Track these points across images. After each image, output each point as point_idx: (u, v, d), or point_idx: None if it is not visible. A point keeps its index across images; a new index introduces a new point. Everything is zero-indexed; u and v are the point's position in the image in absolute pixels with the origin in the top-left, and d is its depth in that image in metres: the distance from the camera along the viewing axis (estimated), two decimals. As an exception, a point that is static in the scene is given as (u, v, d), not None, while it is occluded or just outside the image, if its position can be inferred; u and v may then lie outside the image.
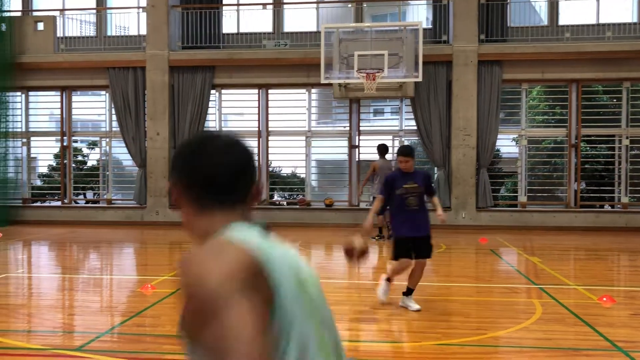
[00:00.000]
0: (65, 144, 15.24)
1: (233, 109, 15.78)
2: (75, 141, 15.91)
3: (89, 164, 16.38)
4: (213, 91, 14.57)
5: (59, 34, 15.02)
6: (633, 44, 13.21)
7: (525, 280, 7.71)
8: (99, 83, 14.81)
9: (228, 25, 15.01)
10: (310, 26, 14.70)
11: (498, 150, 14.83)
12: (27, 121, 15.45)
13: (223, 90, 14.79)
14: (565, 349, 4.72)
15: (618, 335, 5.08)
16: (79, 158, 16.23)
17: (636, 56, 13.24)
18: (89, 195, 16.35)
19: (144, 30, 14.64)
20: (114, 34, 15.75)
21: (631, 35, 13.52)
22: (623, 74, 13.52)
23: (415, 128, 13.93)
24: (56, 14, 15.17)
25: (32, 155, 15.92)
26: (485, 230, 13.08)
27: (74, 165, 15.63)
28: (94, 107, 16.26)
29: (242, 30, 14.96)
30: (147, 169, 14.37)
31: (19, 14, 15.48)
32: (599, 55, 13.30)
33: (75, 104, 15.45)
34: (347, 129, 14.43)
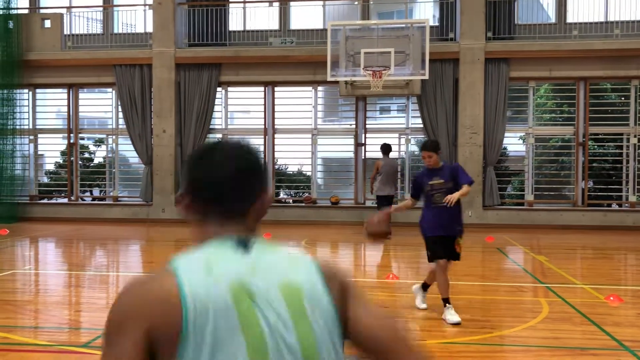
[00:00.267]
0: (72, 141, 15.29)
1: (239, 107, 15.79)
2: (82, 138, 15.96)
3: (96, 161, 16.43)
4: (219, 88, 14.58)
5: (66, 31, 15.07)
6: (642, 41, 13.11)
7: (532, 279, 7.68)
8: (105, 80, 14.85)
9: (234, 23, 15.01)
10: (317, 23, 14.68)
11: (505, 149, 14.78)
12: (34, 118, 15.51)
13: (229, 88, 14.79)
14: (572, 348, 4.70)
15: (625, 335, 5.04)
16: (86, 155, 16.29)
17: (645, 54, 13.15)
18: (96, 192, 16.40)
19: (150, 28, 14.66)
20: (120, 31, 15.79)
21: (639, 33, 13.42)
22: (632, 71, 13.42)
23: (421, 126, 13.89)
24: (63, 11, 15.22)
25: (39, 153, 15.99)
26: (491, 228, 13.04)
27: (80, 162, 15.68)
28: (101, 105, 16.32)
29: (249, 27, 14.96)
30: (154, 167, 14.40)
31: (26, 11, 15.54)
32: (607, 53, 13.21)
33: (82, 101, 15.50)
34: (353, 126, 14.41)
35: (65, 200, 15.46)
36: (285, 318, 1.17)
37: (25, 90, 15.24)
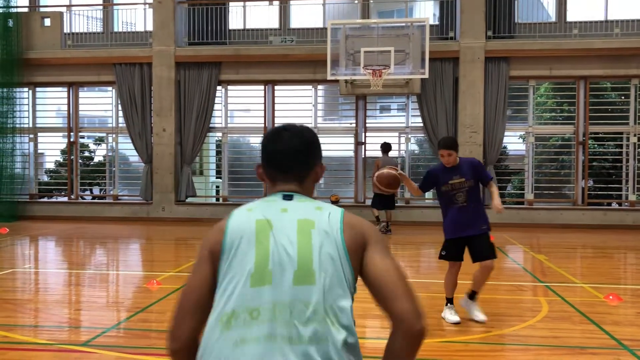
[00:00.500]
0: (72, 139, 15.29)
1: (239, 105, 15.79)
2: (82, 137, 15.96)
3: (96, 159, 16.44)
4: (219, 87, 14.58)
5: (66, 30, 15.07)
6: (642, 40, 13.11)
7: (532, 278, 7.68)
8: (105, 79, 14.85)
9: (234, 21, 15.01)
10: (317, 22, 14.67)
11: (505, 148, 14.78)
12: (34, 117, 15.52)
13: (229, 86, 14.79)
14: (571, 347, 4.70)
15: (624, 334, 5.05)
16: (86, 154, 16.29)
17: (645, 53, 13.15)
18: (96, 191, 16.41)
19: (150, 26, 14.67)
20: (120, 30, 15.79)
21: (640, 32, 13.41)
22: (631, 70, 13.42)
23: (421, 125, 13.90)
24: (63, 10, 15.22)
25: (39, 151, 15.99)
26: (491, 227, 13.03)
27: (80, 161, 15.69)
28: (101, 103, 16.32)
29: (249, 26, 14.95)
30: (153, 165, 14.40)
31: (26, 9, 15.54)
32: (607, 52, 13.21)
33: (82, 100, 15.50)
34: (354, 125, 14.41)
35: (65, 199, 15.47)
36: (292, 238, 1.62)
37: (25, 89, 15.24)
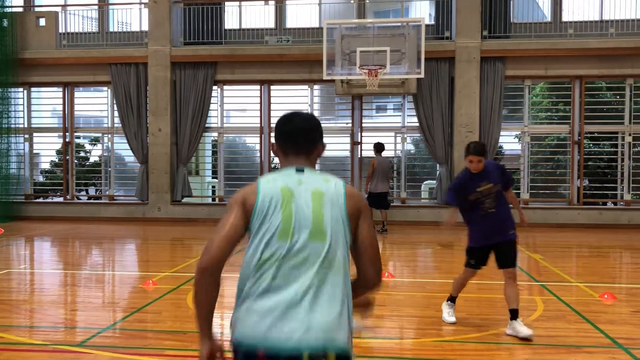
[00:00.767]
0: (67, 140, 15.25)
1: (235, 105, 15.77)
2: (78, 137, 15.93)
3: (91, 160, 16.40)
4: (215, 87, 14.56)
5: (61, 29, 15.03)
6: (637, 40, 13.15)
7: (527, 278, 7.70)
8: (101, 79, 14.81)
9: (230, 21, 14.99)
10: (313, 22, 14.67)
11: (501, 147, 14.81)
12: (30, 117, 15.47)
13: (225, 86, 14.77)
14: (566, 346, 4.72)
15: (619, 332, 5.07)
16: (81, 154, 16.26)
17: (639, 53, 13.20)
18: (91, 191, 16.38)
19: (146, 26, 14.64)
20: (116, 29, 15.75)
21: (635, 32, 13.45)
22: (626, 70, 13.46)
23: (417, 125, 13.91)
24: (58, 9, 15.17)
25: (35, 151, 15.94)
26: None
27: (76, 161, 15.65)
28: (96, 103, 16.28)
29: (244, 26, 14.94)
30: (149, 165, 14.38)
31: (20, 9, 15.49)
32: (602, 52, 13.25)
33: (77, 100, 15.45)
34: (350, 125, 14.41)
35: (60, 199, 15.42)
36: (308, 203, 2.09)
37: (20, 89, 15.19)
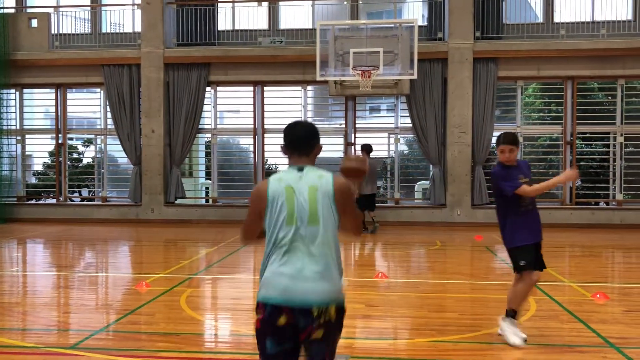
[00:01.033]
0: (60, 141, 15.19)
1: (228, 106, 15.76)
2: (71, 139, 15.87)
3: (84, 161, 16.35)
4: (208, 88, 14.55)
5: (54, 30, 14.98)
6: (628, 41, 13.24)
7: (520, 277, 7.72)
8: (93, 80, 14.77)
9: (223, 22, 14.98)
10: (306, 23, 14.68)
11: (493, 148, 14.84)
12: (22, 118, 15.40)
13: (218, 87, 14.76)
14: (558, 346, 4.74)
15: (611, 332, 5.10)
16: (74, 155, 16.20)
17: (631, 54, 13.29)
18: (84, 193, 16.32)
19: (139, 27, 14.61)
20: (108, 31, 15.70)
21: (626, 33, 13.55)
22: (618, 71, 13.55)
23: (410, 125, 13.95)
24: (50, 10, 15.11)
25: (27, 153, 15.88)
26: (480, 227, 13.11)
27: (69, 162, 15.59)
28: (89, 105, 16.23)
29: (238, 27, 14.93)
30: (142, 167, 14.34)
31: (12, 10, 15.42)
32: (594, 53, 13.33)
33: (70, 101, 15.40)
34: (343, 126, 14.43)
35: (53, 201, 15.36)
36: (305, 197, 2.66)
37: (12, 90, 15.13)
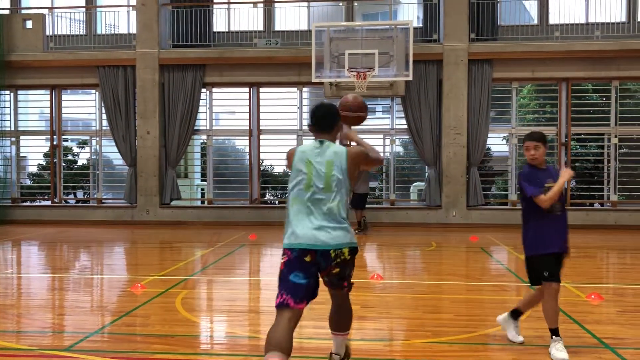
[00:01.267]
0: (55, 143, 15.15)
1: (224, 108, 15.75)
2: (65, 140, 15.83)
3: (79, 163, 16.31)
4: (204, 89, 14.54)
5: (48, 32, 14.94)
6: (621, 43, 13.31)
7: (515, 278, 7.76)
8: (88, 82, 14.74)
9: (219, 24, 14.98)
10: (301, 25, 14.69)
11: (488, 149, 14.90)
12: (16, 120, 15.36)
13: (214, 89, 14.76)
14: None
15: (605, 332, 5.12)
16: (69, 157, 16.15)
17: (624, 55, 13.36)
18: (79, 194, 16.28)
19: (134, 29, 14.59)
20: (104, 32, 15.68)
21: (619, 35, 13.62)
22: (612, 72, 13.61)
23: (406, 127, 13.97)
24: (45, 12, 15.08)
25: (22, 155, 15.83)
26: (475, 228, 13.15)
27: (64, 164, 15.55)
28: (84, 106, 16.19)
29: (233, 28, 14.93)
30: (138, 168, 14.32)
31: (7, 11, 15.38)
32: (588, 55, 13.40)
33: (65, 103, 15.36)
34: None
35: (48, 203, 15.32)
36: (322, 169, 3.60)
37: (7, 92, 15.09)
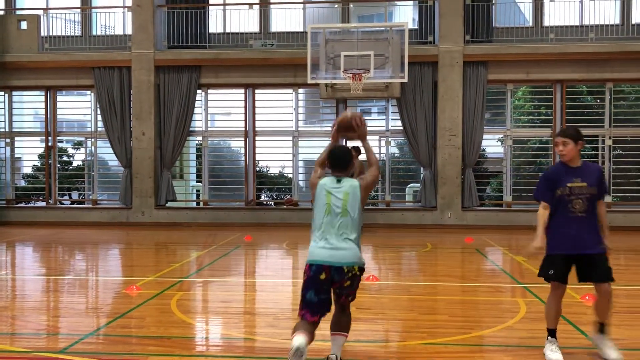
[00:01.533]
0: (50, 144, 15.11)
1: (219, 109, 15.74)
2: (61, 141, 15.78)
3: (74, 164, 16.26)
4: (199, 91, 14.53)
5: (43, 33, 14.89)
6: (616, 45, 13.37)
7: (510, 280, 7.78)
8: (84, 83, 14.71)
9: (214, 25, 14.97)
10: (297, 26, 14.70)
11: (483, 150, 14.94)
12: (11, 121, 15.30)
13: (209, 90, 14.75)
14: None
15: (600, 334, 5.12)
16: (64, 158, 16.11)
17: (619, 57, 13.41)
18: (74, 195, 16.23)
19: (129, 30, 14.57)
20: (99, 33, 15.64)
21: (613, 37, 13.68)
22: (606, 74, 13.67)
23: (401, 128, 14.00)
24: (40, 12, 15.04)
25: (16, 156, 15.77)
26: (470, 229, 13.17)
27: (58, 165, 15.50)
28: (79, 107, 16.14)
29: (229, 30, 14.93)
30: (133, 169, 14.29)
31: (1, 12, 15.33)
32: (582, 57, 13.45)
33: (60, 104, 15.32)
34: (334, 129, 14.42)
35: (43, 204, 15.27)
36: (340, 198, 4.15)
37: (1, 93, 15.05)
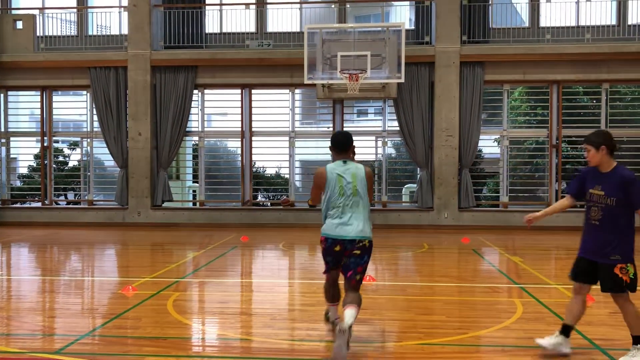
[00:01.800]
0: (45, 144, 15.06)
1: (216, 109, 15.72)
2: (56, 141, 15.72)
3: (70, 164, 16.21)
4: (195, 91, 14.51)
5: (39, 32, 14.85)
6: (612, 45, 13.40)
7: (507, 280, 7.78)
8: (80, 83, 14.66)
9: (211, 25, 14.95)
10: (294, 26, 14.68)
11: (480, 151, 14.96)
12: (6, 121, 15.25)
13: (206, 90, 14.72)
14: (545, 348, 4.76)
15: (596, 334, 5.15)
16: (60, 158, 16.05)
17: (615, 58, 13.45)
18: (70, 196, 16.18)
19: (125, 30, 14.53)
20: (95, 33, 15.60)
21: (610, 38, 13.71)
22: (602, 75, 13.70)
23: (398, 129, 14.00)
24: (36, 12, 14.99)
25: (12, 156, 15.73)
26: (467, 230, 13.18)
27: (54, 165, 15.45)
28: (75, 107, 16.10)
29: (225, 30, 14.91)
30: (129, 170, 14.26)
31: (-3, 12, 15.28)
32: (578, 57, 13.48)
33: (55, 104, 15.27)
34: (331, 129, 14.44)
35: (39, 204, 15.21)
36: (350, 180, 4.79)
37: (-3, 93, 14.97)
